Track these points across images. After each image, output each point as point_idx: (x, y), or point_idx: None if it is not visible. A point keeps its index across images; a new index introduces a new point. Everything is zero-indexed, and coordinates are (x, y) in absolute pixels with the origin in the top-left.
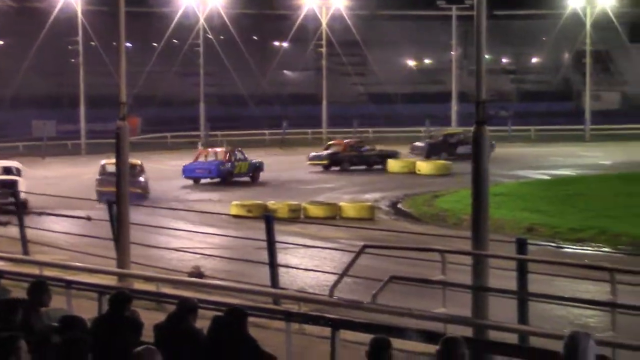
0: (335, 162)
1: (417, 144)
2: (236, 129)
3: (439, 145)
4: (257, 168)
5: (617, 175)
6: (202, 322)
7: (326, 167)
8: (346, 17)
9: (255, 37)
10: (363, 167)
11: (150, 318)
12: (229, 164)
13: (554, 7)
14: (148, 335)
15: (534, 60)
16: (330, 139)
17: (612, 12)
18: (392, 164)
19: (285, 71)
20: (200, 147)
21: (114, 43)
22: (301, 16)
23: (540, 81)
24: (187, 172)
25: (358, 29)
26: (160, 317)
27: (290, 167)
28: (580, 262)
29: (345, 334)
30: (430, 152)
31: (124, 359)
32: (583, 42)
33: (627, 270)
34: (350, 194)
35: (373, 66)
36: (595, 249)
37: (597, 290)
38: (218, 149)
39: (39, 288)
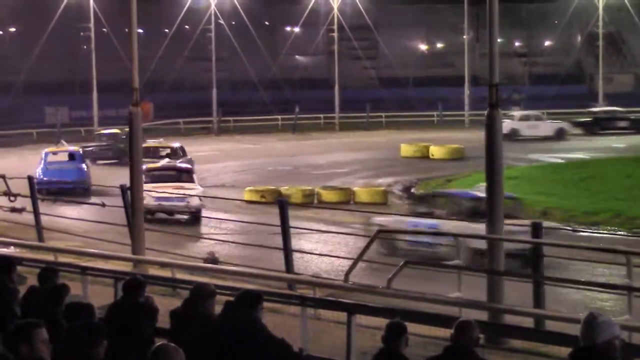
0: None
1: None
2: (248, 115)
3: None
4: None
5: (630, 158)
6: (218, 307)
7: None
8: (357, 1)
9: (266, 22)
10: None
11: (165, 304)
12: None
13: None
14: (164, 320)
15: (546, 43)
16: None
17: None
18: (405, 148)
19: (296, 56)
20: None
21: (126, 29)
22: (312, 0)
23: (553, 64)
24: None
25: (369, 13)
26: (176, 303)
27: (301, 152)
28: (596, 245)
29: (360, 319)
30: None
31: (140, 344)
32: (595, 24)
33: None
34: (364, 179)
35: (384, 50)
36: (611, 232)
37: (612, 273)
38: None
39: (51, 275)
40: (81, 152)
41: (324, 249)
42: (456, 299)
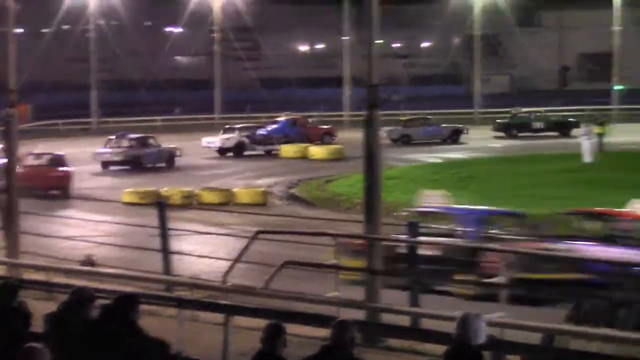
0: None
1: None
2: (128, 116)
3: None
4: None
5: (506, 158)
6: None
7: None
8: (238, 2)
9: (148, 23)
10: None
11: (41, 308)
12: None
13: None
14: (39, 325)
15: (425, 44)
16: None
17: None
18: (286, 149)
19: (177, 57)
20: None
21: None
22: (193, 1)
23: (431, 65)
24: None
25: (250, 14)
26: (52, 306)
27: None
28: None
29: (240, 320)
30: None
31: (13, 349)
32: (472, 26)
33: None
34: (245, 180)
35: (266, 51)
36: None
37: None
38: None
39: None
40: None
41: (204, 251)
42: (334, 299)
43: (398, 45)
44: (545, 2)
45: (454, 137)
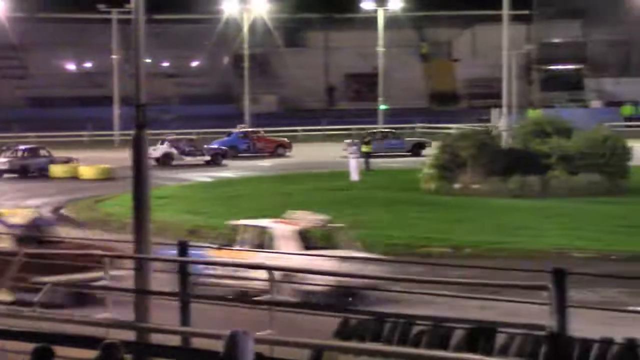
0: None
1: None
2: None
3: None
4: None
5: (273, 177)
6: None
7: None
8: (2, 20)
9: None
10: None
11: None
12: None
13: (213, 12)
14: None
15: (195, 63)
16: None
17: (267, 17)
18: (55, 169)
19: None
20: None
21: None
22: None
23: (201, 84)
24: None
25: (17, 32)
26: None
27: None
28: (240, 260)
29: (8, 344)
30: None
31: None
32: (241, 46)
33: (284, 269)
34: (14, 200)
35: (33, 69)
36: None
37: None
38: None
39: None
40: None
41: None
42: (103, 320)
43: (167, 64)
44: (311, 22)
45: (415, 150)
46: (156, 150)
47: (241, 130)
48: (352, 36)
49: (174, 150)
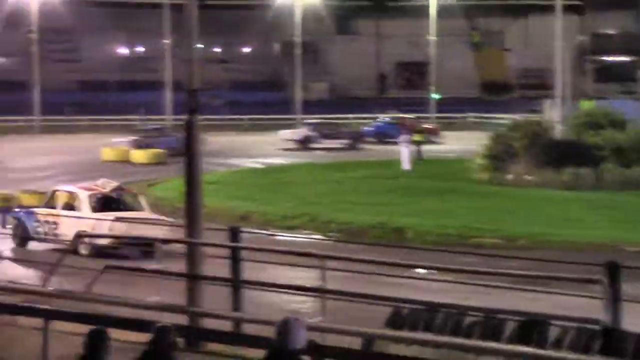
0: None
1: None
2: None
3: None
4: None
5: (323, 165)
6: None
7: None
8: (56, 4)
9: None
10: None
11: None
12: None
13: None
14: None
15: (246, 50)
16: None
17: (319, 4)
18: (107, 152)
19: None
20: None
21: None
22: (9, 2)
23: (252, 71)
24: None
25: (69, 16)
26: None
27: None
28: (291, 249)
29: (62, 325)
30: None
31: None
32: (292, 33)
33: (335, 257)
34: (65, 183)
35: (85, 53)
36: (307, 235)
37: (308, 276)
38: None
39: None
40: None
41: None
42: (156, 303)
43: (219, 50)
44: (362, 10)
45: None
46: (296, 133)
47: (392, 116)
48: (403, 24)
49: (314, 133)
